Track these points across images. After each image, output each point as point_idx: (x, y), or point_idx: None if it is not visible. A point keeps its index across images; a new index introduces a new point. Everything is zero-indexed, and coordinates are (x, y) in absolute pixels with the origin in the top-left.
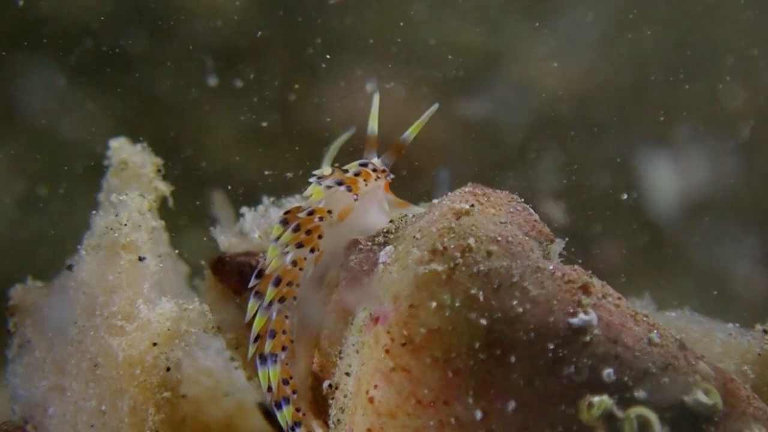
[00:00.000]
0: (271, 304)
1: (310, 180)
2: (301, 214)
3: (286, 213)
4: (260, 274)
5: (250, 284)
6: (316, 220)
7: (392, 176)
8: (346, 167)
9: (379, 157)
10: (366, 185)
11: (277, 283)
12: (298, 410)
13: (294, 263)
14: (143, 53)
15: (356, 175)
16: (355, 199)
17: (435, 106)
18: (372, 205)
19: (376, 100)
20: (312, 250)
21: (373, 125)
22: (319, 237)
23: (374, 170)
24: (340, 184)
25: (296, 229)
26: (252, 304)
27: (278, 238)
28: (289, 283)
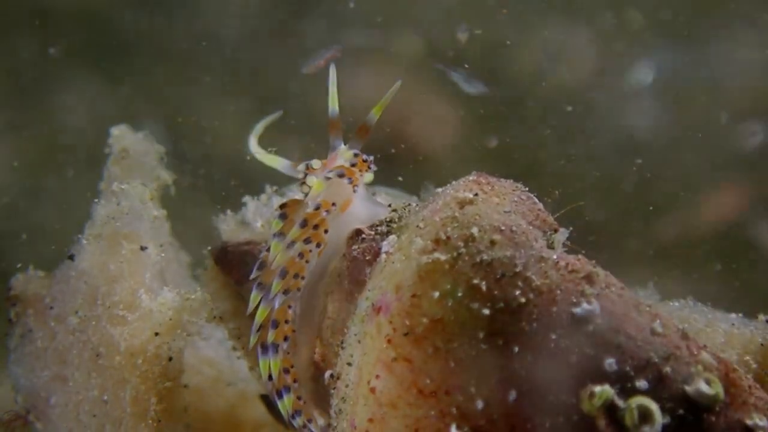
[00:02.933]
0: (275, 295)
1: (297, 174)
2: (309, 209)
3: (282, 207)
4: (261, 266)
5: (252, 276)
6: (323, 214)
7: (375, 168)
8: (343, 155)
9: (345, 143)
10: (361, 175)
11: (284, 275)
12: (299, 398)
13: (300, 255)
14: (147, 40)
15: (352, 165)
16: (355, 191)
17: (398, 84)
18: (366, 194)
19: (333, 76)
20: (318, 245)
21: (333, 106)
22: (326, 231)
23: (365, 160)
24: (341, 175)
25: (303, 225)
26: (255, 295)
27: (280, 232)
28: (295, 275)
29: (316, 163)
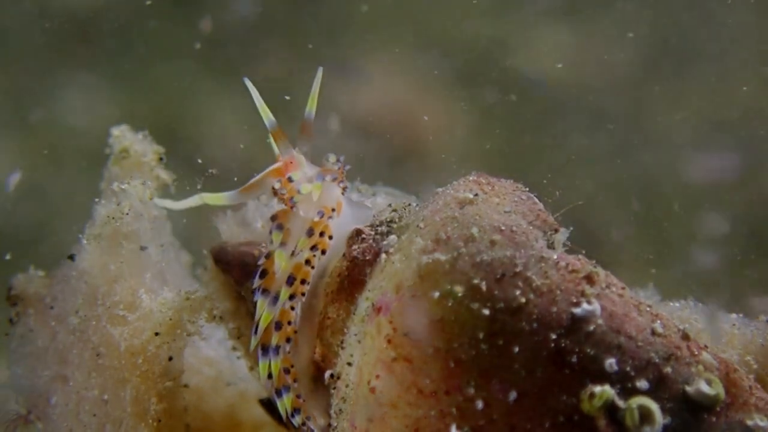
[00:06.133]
0: (283, 302)
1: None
2: (315, 218)
3: (273, 218)
4: (263, 275)
5: (255, 285)
6: (327, 220)
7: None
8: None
9: (295, 147)
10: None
11: (292, 282)
12: (298, 397)
13: (307, 262)
14: (146, 40)
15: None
16: (344, 193)
17: (320, 73)
18: (347, 196)
19: (254, 92)
20: (323, 252)
21: (268, 118)
22: (330, 237)
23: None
24: (334, 179)
25: (310, 233)
26: (261, 301)
27: (282, 243)
28: (302, 281)
29: (296, 175)
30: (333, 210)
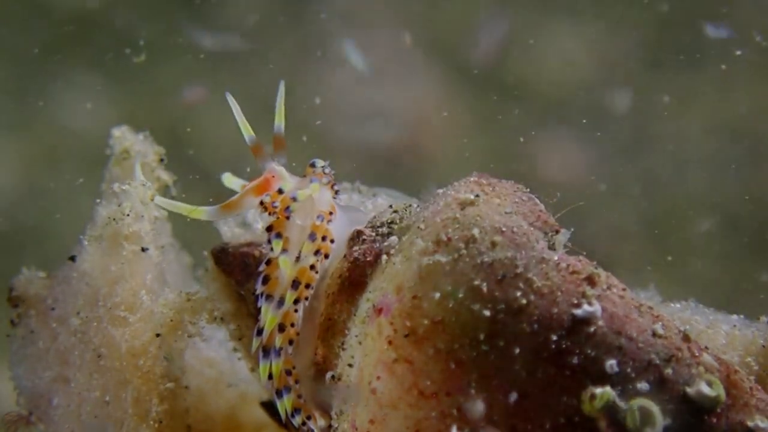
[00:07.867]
0: (288, 306)
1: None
2: (318, 222)
3: (269, 229)
4: (265, 280)
5: (258, 291)
6: (327, 225)
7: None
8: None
9: (273, 160)
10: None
11: (297, 286)
12: (299, 397)
13: (312, 267)
14: (148, 41)
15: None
16: (336, 197)
17: (282, 86)
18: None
19: (235, 107)
20: (326, 256)
21: (248, 134)
22: (332, 241)
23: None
24: (328, 182)
25: (313, 238)
26: (266, 306)
27: (284, 249)
28: (307, 285)
29: (286, 186)
30: (331, 213)
